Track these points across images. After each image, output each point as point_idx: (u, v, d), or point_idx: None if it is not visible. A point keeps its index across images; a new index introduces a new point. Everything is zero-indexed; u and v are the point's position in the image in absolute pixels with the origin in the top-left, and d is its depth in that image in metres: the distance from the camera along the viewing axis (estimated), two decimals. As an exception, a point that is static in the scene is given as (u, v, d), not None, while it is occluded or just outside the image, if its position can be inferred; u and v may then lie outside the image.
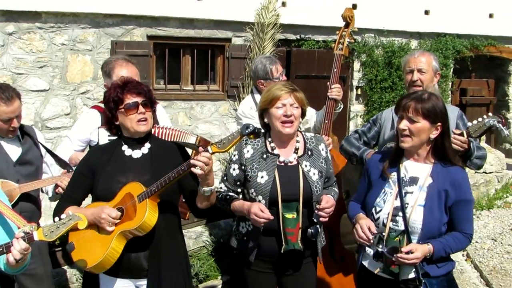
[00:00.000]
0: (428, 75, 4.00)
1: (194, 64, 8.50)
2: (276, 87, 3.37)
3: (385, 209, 3.15)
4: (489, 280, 5.80)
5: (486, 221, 7.40)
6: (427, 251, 2.98)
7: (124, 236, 3.10)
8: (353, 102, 9.37)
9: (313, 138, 3.57)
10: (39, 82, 7.58)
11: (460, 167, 3.13)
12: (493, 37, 9.95)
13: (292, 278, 3.53)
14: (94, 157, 3.34)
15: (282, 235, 3.29)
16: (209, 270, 5.43)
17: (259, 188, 3.33)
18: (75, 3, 7.49)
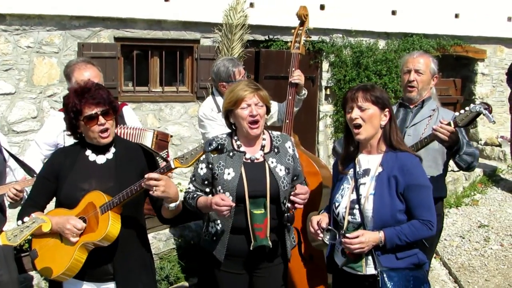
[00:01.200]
0: (425, 77, 4.03)
1: (162, 65, 8.48)
2: (239, 87, 3.37)
3: (343, 203, 3.19)
4: (458, 277, 5.88)
5: (454, 218, 7.50)
6: (377, 238, 2.98)
7: (86, 247, 3.09)
8: (322, 102, 9.42)
9: (280, 136, 3.60)
10: (5, 85, 7.49)
11: (410, 153, 3.13)
12: (459, 37, 10.07)
13: (263, 278, 3.54)
14: (57, 161, 3.30)
15: (250, 231, 3.31)
16: (179, 272, 5.42)
17: (226, 185, 3.35)
18: (41, 5, 7.42)
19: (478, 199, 8.20)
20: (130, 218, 3.21)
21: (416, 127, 4.08)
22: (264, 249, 3.36)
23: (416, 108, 4.10)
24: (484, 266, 6.16)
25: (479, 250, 6.57)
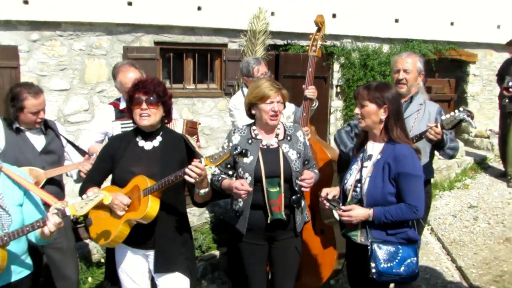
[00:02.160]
0: (412, 75, 4.02)
1: (195, 66, 8.51)
2: (265, 85, 3.40)
3: (349, 181, 3.27)
4: (450, 250, 5.87)
5: (447, 200, 7.48)
6: (367, 214, 3.05)
7: (129, 223, 3.16)
8: (333, 98, 9.39)
9: (292, 126, 3.65)
10: (61, 83, 7.57)
11: (407, 145, 3.11)
12: (454, 42, 9.97)
13: (280, 249, 3.57)
14: (113, 145, 3.39)
15: (267, 207, 3.36)
16: (210, 242, 5.47)
17: (246, 167, 3.41)
18: (91, 14, 7.47)
19: (469, 184, 8.15)
20: (171, 199, 3.28)
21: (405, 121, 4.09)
22: (280, 222, 3.41)
23: (405, 103, 4.07)
24: (473, 241, 6.13)
25: (468, 227, 6.54)
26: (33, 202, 3.10)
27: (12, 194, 2.99)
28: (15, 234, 2.81)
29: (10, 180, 3.01)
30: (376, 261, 3.03)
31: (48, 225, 2.76)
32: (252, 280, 3.62)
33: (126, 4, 7.65)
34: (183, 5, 7.97)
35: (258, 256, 3.57)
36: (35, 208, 3.10)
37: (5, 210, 2.90)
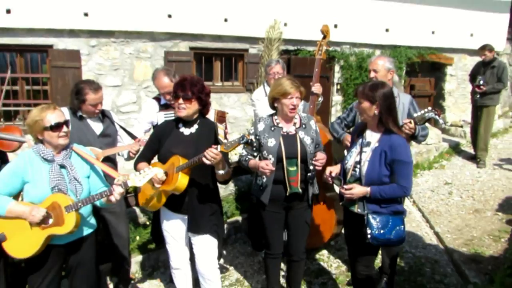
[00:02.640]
0: (381, 73, 3.97)
1: (222, 67, 8.49)
2: (287, 83, 3.37)
3: (350, 162, 3.23)
4: (429, 219, 5.81)
5: (426, 178, 7.39)
6: (365, 192, 3.03)
7: (165, 193, 3.22)
8: (334, 94, 9.32)
9: (306, 117, 3.63)
10: (114, 80, 7.60)
11: (400, 136, 3.07)
12: (434, 48, 9.84)
13: (296, 216, 3.59)
14: (160, 129, 3.46)
15: (286, 182, 3.36)
16: (234, 210, 5.48)
17: (269, 150, 3.41)
18: (139, 24, 7.47)
19: (445, 165, 8.05)
20: (201, 176, 3.30)
21: None
22: (296, 194, 3.40)
23: None
24: (448, 211, 6.06)
25: (444, 200, 6.46)
26: (98, 175, 3.15)
27: (81, 168, 3.03)
28: (87, 200, 2.87)
29: (79, 157, 3.05)
30: (371, 228, 3.02)
31: (114, 194, 2.87)
32: (272, 241, 3.63)
33: (167, 16, 7.63)
34: (213, 17, 7.93)
35: (277, 222, 3.57)
36: (99, 179, 3.15)
37: (78, 181, 2.94)
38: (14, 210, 2.78)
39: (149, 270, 4.58)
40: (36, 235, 2.79)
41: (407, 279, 4.37)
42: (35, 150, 2.90)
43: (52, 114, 2.85)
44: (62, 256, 2.99)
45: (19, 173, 2.84)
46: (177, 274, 3.60)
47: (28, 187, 2.86)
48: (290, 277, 3.81)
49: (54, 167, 2.88)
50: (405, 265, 4.65)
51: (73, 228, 2.80)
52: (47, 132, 2.85)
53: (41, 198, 2.83)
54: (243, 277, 4.48)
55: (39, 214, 2.75)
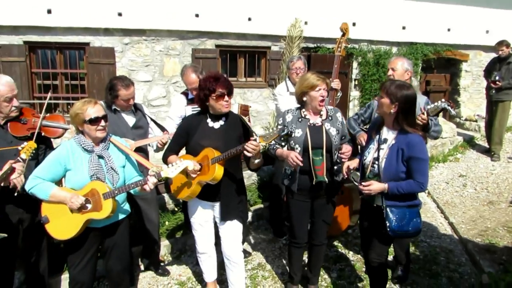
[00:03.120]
0: (398, 72, 3.91)
1: (246, 63, 8.46)
2: (312, 77, 3.33)
3: (368, 158, 3.16)
4: (443, 209, 5.70)
5: (441, 170, 7.25)
6: (383, 188, 2.96)
7: (200, 183, 3.21)
8: (352, 89, 9.19)
9: (333, 109, 3.57)
10: (145, 76, 7.67)
11: (417, 135, 3.00)
12: (450, 45, 9.59)
13: (321, 205, 3.56)
14: (188, 123, 3.40)
15: (312, 171, 3.32)
16: (256, 198, 5.48)
17: (296, 140, 3.38)
18: (168, 23, 7.51)
19: (459, 158, 7.87)
20: (231, 167, 3.30)
21: None
22: (322, 184, 3.37)
23: None
24: (462, 203, 5.93)
25: (458, 192, 6.32)
26: (132, 164, 3.18)
27: (118, 158, 3.07)
28: (123, 188, 2.92)
29: (116, 148, 3.09)
30: (390, 221, 2.98)
31: (148, 184, 2.90)
32: (297, 230, 3.62)
33: (195, 16, 7.65)
34: (237, 16, 7.90)
35: (303, 211, 3.55)
36: (134, 169, 3.18)
37: (114, 170, 2.98)
38: (56, 195, 2.84)
39: (177, 253, 4.63)
40: (76, 219, 2.85)
41: (422, 267, 4.30)
42: (76, 141, 2.95)
43: (92, 108, 2.89)
44: (98, 239, 3.05)
45: (61, 161, 2.89)
46: (203, 258, 3.63)
47: (69, 174, 2.92)
48: (311, 261, 3.80)
49: (93, 157, 2.93)
50: (420, 254, 4.58)
51: (109, 213, 2.84)
52: (86, 125, 2.89)
53: (81, 184, 2.88)
54: (265, 261, 4.49)
55: (78, 202, 2.80)
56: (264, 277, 4.18)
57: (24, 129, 3.24)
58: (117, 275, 3.22)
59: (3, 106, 3.12)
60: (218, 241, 3.55)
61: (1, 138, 3.15)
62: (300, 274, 3.84)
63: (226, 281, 3.62)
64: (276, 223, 5.01)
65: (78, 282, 3.03)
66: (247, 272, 4.22)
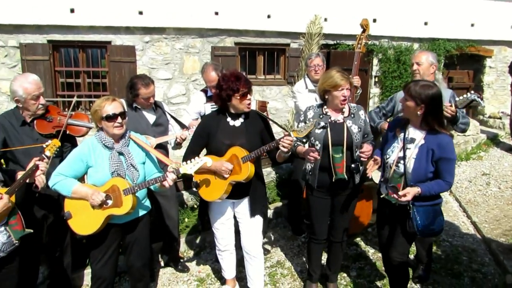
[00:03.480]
0: (424, 66, 3.81)
1: (265, 61, 8.45)
2: (336, 76, 3.25)
3: (392, 157, 3.09)
4: (466, 208, 5.59)
5: (464, 169, 7.11)
6: (416, 192, 2.90)
7: (231, 183, 3.21)
8: (372, 86, 9.11)
9: (356, 107, 3.51)
10: (165, 74, 7.73)
11: (447, 135, 2.95)
12: (473, 41, 9.40)
13: (341, 202, 3.53)
14: (207, 123, 3.37)
15: (332, 169, 3.29)
16: (275, 195, 5.46)
17: (317, 136, 3.34)
18: (188, 21, 7.55)
19: (483, 156, 7.70)
20: (256, 164, 3.30)
21: None
22: (342, 181, 3.33)
23: None
24: (485, 202, 5.80)
25: (482, 190, 6.18)
26: (152, 161, 3.20)
27: (138, 155, 3.09)
28: (143, 184, 2.95)
29: (135, 144, 3.12)
30: (416, 221, 2.95)
31: (167, 180, 2.90)
32: (317, 227, 3.59)
33: (214, 14, 7.67)
34: (256, 14, 7.89)
35: (323, 208, 3.52)
36: (153, 165, 3.20)
37: (134, 167, 3.01)
38: (78, 191, 2.89)
39: (197, 250, 4.66)
40: (97, 214, 2.89)
41: (444, 267, 4.23)
42: (97, 138, 2.98)
43: (110, 105, 2.91)
44: (120, 235, 3.08)
45: (83, 158, 2.93)
46: (224, 255, 3.64)
47: (91, 171, 2.96)
48: (330, 258, 3.78)
49: (113, 154, 2.96)
50: (442, 254, 4.50)
51: (130, 209, 2.87)
52: (103, 122, 2.92)
53: (102, 181, 2.92)
54: (284, 259, 4.47)
55: (99, 199, 2.84)
56: (283, 275, 4.17)
57: (49, 127, 3.30)
58: (137, 271, 3.25)
59: (30, 104, 3.18)
60: (238, 237, 3.56)
61: (28, 135, 3.22)
62: (319, 272, 3.81)
63: (245, 278, 3.63)
64: (294, 221, 4.99)
65: (100, 277, 3.08)
66: (266, 269, 4.21)
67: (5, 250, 2.59)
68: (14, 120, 3.22)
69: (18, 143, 3.16)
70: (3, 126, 3.18)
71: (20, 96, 3.14)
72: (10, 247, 2.62)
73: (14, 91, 3.15)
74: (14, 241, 2.63)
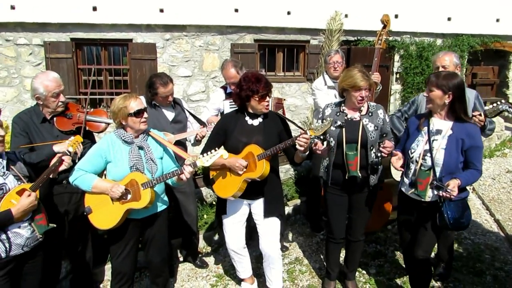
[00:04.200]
0: (450, 69, 3.74)
1: (284, 58, 8.40)
2: (357, 76, 3.20)
3: (417, 151, 3.07)
4: (489, 206, 5.46)
5: (487, 166, 6.95)
6: (457, 184, 2.88)
7: (246, 180, 3.21)
8: (393, 83, 8.95)
9: (375, 105, 3.47)
10: (185, 71, 7.77)
11: (473, 124, 2.99)
12: (498, 36, 9.13)
13: (358, 200, 3.50)
14: (226, 121, 3.40)
15: (346, 166, 3.27)
16: (294, 192, 5.45)
17: (332, 133, 3.34)
18: (208, 19, 7.57)
19: (507, 153, 7.52)
20: (273, 162, 3.31)
21: None
22: (355, 179, 3.30)
23: None
24: (509, 199, 5.65)
25: (506, 188, 6.03)
26: (170, 156, 3.24)
27: (156, 150, 3.14)
28: (161, 178, 2.98)
29: (154, 140, 3.16)
30: (447, 215, 2.94)
31: (185, 173, 2.94)
32: (334, 226, 3.57)
33: (234, 11, 7.67)
34: (276, 10, 7.86)
35: (339, 204, 3.50)
36: (171, 161, 3.24)
37: (153, 161, 3.05)
38: (98, 186, 2.93)
39: (215, 246, 4.68)
40: (116, 208, 2.93)
41: (465, 265, 4.14)
42: (117, 134, 3.03)
43: (135, 102, 2.98)
44: (138, 230, 3.12)
45: (102, 154, 2.99)
46: (237, 258, 3.62)
47: (110, 166, 3.01)
48: (347, 257, 3.75)
49: (133, 148, 3.00)
50: (464, 251, 4.41)
51: (148, 203, 2.90)
52: (130, 118, 2.97)
53: (121, 175, 2.96)
54: (302, 256, 4.46)
55: (119, 191, 2.88)
56: (302, 272, 4.15)
57: (69, 123, 3.36)
58: (156, 266, 3.29)
59: (51, 101, 3.25)
60: (256, 236, 3.54)
61: (48, 132, 3.28)
62: (338, 270, 3.78)
63: (264, 275, 3.62)
64: (313, 218, 4.96)
65: (120, 272, 3.13)
66: (284, 266, 4.20)
67: (29, 245, 2.64)
68: (35, 117, 3.29)
69: (39, 140, 3.23)
70: (25, 123, 3.25)
71: (40, 94, 3.21)
72: (34, 242, 2.67)
73: (35, 89, 3.21)
74: (38, 236, 2.68)
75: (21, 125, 3.23)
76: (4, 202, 2.52)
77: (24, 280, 2.74)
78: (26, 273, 2.73)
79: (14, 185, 2.61)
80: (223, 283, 4.00)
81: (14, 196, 2.56)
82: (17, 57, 7.31)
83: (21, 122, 3.24)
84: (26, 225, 2.62)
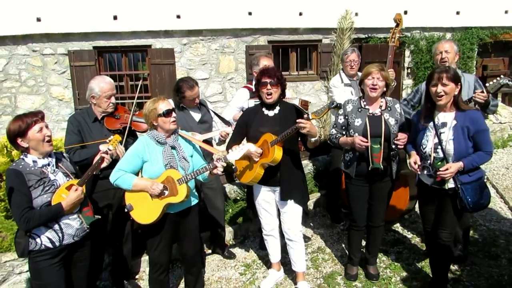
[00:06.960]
0: (451, 54, 3.94)
1: (297, 57, 8.57)
2: (370, 65, 3.47)
3: (429, 145, 3.24)
4: (503, 195, 5.59)
5: (500, 156, 7.04)
6: (459, 167, 3.07)
7: (263, 166, 3.41)
8: (405, 78, 9.06)
9: (392, 100, 3.65)
10: (202, 74, 7.99)
11: (474, 110, 3.16)
12: (508, 27, 9.17)
13: (378, 189, 3.68)
14: (247, 115, 3.65)
15: (370, 158, 3.46)
16: (313, 186, 5.63)
17: (356, 129, 3.52)
18: (223, 22, 7.78)
19: (520, 143, 7.61)
20: (290, 150, 3.48)
21: None
22: (378, 170, 3.50)
23: None
24: (523, 188, 5.78)
25: (520, 177, 6.15)
26: (199, 154, 3.46)
27: (187, 148, 3.35)
28: (194, 173, 3.19)
29: (184, 139, 3.38)
30: (466, 199, 3.10)
31: (218, 167, 3.15)
32: (356, 215, 3.78)
33: (247, 14, 7.87)
34: (289, 12, 8.03)
35: (361, 194, 3.70)
36: (200, 158, 3.45)
37: (185, 159, 3.27)
38: (138, 184, 3.16)
39: (241, 239, 4.90)
40: (156, 204, 3.16)
41: (481, 250, 4.30)
42: (150, 135, 3.25)
43: (163, 103, 3.20)
44: (173, 223, 3.33)
45: (139, 154, 3.20)
46: (270, 240, 3.85)
47: (146, 166, 3.22)
48: (369, 242, 3.94)
49: (166, 148, 3.22)
50: (479, 237, 4.56)
51: (185, 197, 3.13)
52: (160, 118, 3.18)
53: (157, 173, 3.18)
54: (324, 245, 4.65)
55: (158, 188, 3.11)
56: (324, 259, 4.35)
57: (117, 123, 3.66)
58: (191, 257, 3.49)
59: (103, 102, 3.57)
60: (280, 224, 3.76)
61: (98, 131, 3.58)
62: (359, 255, 3.98)
63: (289, 262, 3.83)
64: (333, 210, 5.15)
65: (157, 263, 3.34)
66: (307, 255, 4.41)
67: (78, 235, 2.91)
68: (87, 117, 3.61)
69: (90, 138, 3.53)
70: (79, 122, 3.56)
71: (96, 93, 3.54)
72: (83, 233, 2.94)
73: (92, 88, 3.55)
74: (85, 227, 2.95)
75: (75, 124, 3.56)
76: (56, 196, 2.79)
77: (75, 267, 3.01)
78: (76, 261, 3.00)
79: (64, 181, 2.88)
80: (251, 271, 4.22)
81: (64, 191, 2.82)
82: (43, 66, 7.62)
83: (75, 121, 3.57)
84: (75, 217, 2.88)
